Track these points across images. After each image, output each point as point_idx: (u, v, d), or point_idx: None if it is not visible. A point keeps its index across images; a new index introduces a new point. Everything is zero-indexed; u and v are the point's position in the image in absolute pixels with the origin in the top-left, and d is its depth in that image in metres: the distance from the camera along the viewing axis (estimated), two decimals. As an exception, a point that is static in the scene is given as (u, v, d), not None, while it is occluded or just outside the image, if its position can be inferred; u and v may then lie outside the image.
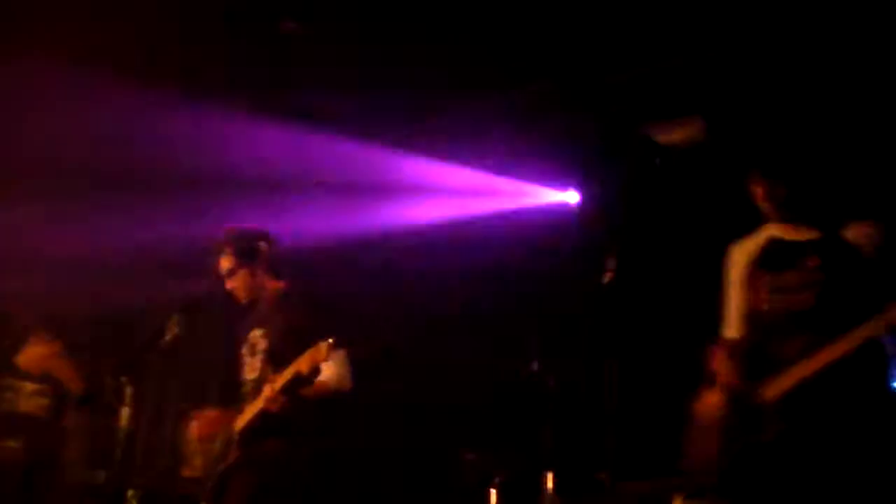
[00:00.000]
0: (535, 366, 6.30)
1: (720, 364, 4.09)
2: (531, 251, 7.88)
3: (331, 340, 4.92)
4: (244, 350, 5.55)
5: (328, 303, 5.60)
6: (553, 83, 7.62)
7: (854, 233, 3.99)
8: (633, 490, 5.54)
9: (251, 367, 5.46)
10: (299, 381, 5.04)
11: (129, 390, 4.49)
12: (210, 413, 5.61)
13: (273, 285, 5.59)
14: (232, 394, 5.55)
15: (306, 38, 7.08)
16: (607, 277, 3.55)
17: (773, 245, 4.12)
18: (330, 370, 5.16)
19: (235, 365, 5.57)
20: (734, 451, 3.88)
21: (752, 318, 4.11)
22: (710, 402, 4.06)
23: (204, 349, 8.95)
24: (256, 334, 5.50)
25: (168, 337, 4.90)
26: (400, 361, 6.26)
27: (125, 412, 4.51)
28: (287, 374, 5.11)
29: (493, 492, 6.42)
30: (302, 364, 5.00)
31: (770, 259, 4.08)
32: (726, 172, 6.70)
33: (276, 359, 5.21)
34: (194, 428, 5.61)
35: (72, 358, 8.04)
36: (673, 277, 6.78)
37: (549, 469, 6.05)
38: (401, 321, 8.08)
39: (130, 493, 7.52)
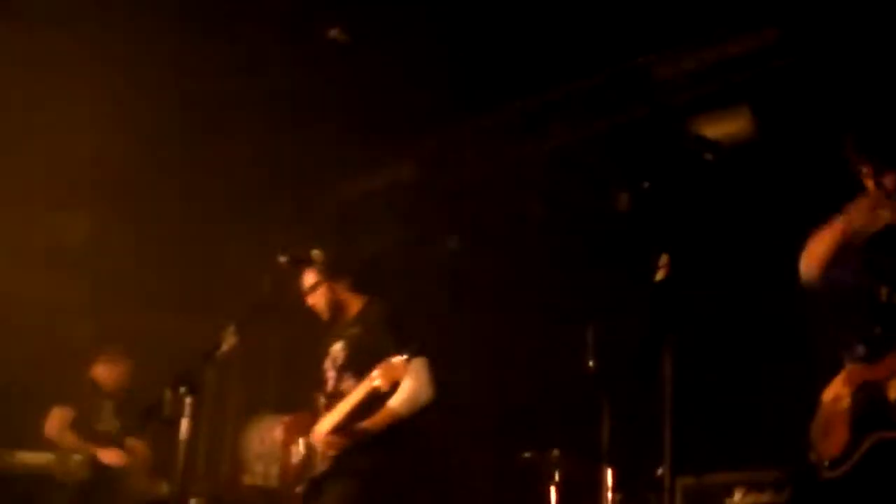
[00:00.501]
0: (590, 363, 6.29)
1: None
2: (585, 248, 7.88)
3: (405, 357, 4.95)
4: (326, 363, 5.64)
5: (401, 313, 5.63)
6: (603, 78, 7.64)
7: None
8: (693, 484, 5.51)
9: (331, 381, 5.55)
10: (378, 396, 5.09)
11: (188, 401, 4.52)
12: (293, 419, 5.67)
13: (355, 300, 5.67)
14: (311, 404, 5.61)
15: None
16: (661, 274, 3.52)
17: (891, 231, 4.04)
18: (403, 392, 5.21)
19: (318, 378, 5.64)
20: (866, 446, 3.81)
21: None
22: (836, 392, 4.00)
23: (263, 360, 9.05)
24: (336, 348, 5.59)
25: (225, 347, 4.91)
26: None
27: (185, 424, 4.55)
28: (340, 412, 5.18)
29: (553, 490, 6.41)
30: (378, 379, 5.02)
31: (888, 245, 4.02)
32: (780, 166, 6.69)
33: (352, 372, 5.35)
34: (279, 434, 5.67)
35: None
36: (727, 274, 6.74)
37: (608, 466, 6.04)
38: (459, 323, 8.12)
39: (193, 501, 7.61)
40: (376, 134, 8.38)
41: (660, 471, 5.00)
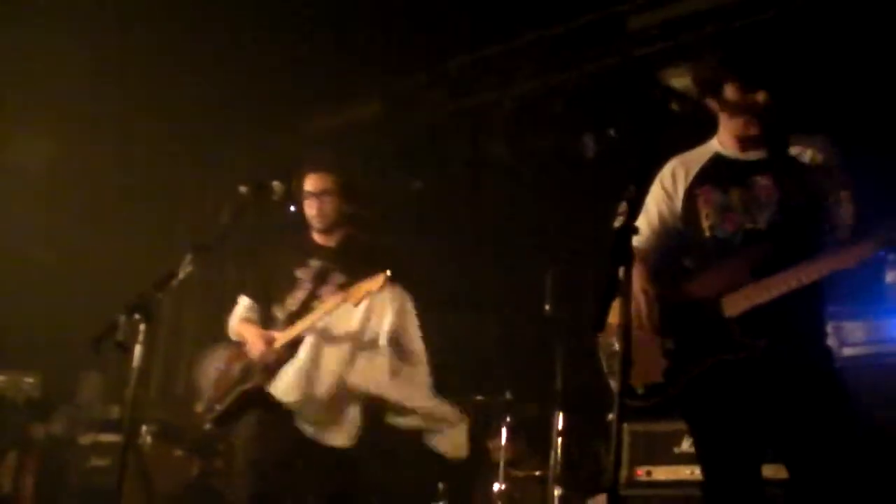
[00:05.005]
0: (546, 307, 6.33)
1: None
2: (547, 194, 7.89)
3: (388, 272, 4.92)
4: (300, 274, 5.46)
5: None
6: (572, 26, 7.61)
7: (800, 150, 3.86)
8: (641, 432, 5.52)
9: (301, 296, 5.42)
10: None
11: (142, 328, 4.49)
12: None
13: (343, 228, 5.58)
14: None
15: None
16: (619, 222, 3.50)
17: (720, 161, 3.97)
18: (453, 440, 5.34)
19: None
20: (700, 369, 3.76)
21: (681, 232, 4.01)
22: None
23: (220, 289, 9.00)
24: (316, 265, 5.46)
25: (182, 276, 4.86)
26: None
27: (138, 350, 4.52)
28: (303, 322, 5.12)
29: (504, 432, 6.45)
30: (352, 296, 5.01)
31: (717, 176, 3.93)
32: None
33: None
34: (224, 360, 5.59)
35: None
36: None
37: (559, 411, 6.09)
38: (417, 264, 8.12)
39: (144, 428, 7.61)
40: (343, 71, 8.31)
41: (609, 416, 5.04)
